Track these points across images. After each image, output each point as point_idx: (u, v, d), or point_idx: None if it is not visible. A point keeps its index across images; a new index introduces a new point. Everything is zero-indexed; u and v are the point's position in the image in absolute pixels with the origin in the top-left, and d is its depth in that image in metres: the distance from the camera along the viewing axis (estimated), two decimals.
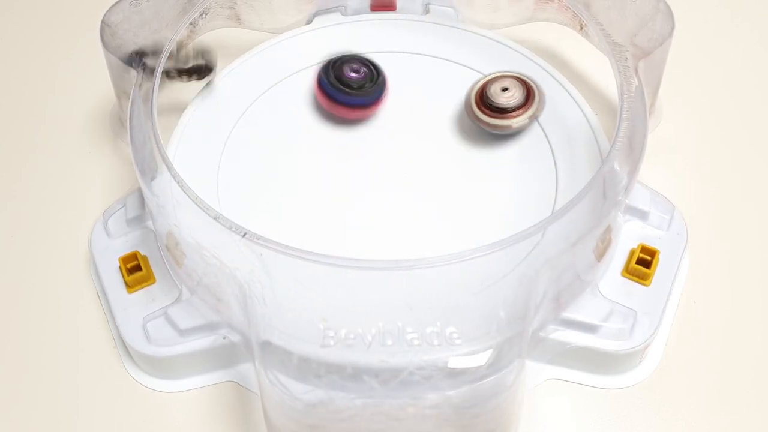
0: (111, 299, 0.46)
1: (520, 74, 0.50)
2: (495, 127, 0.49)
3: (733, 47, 0.59)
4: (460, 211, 0.48)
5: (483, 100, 0.49)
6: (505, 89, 0.49)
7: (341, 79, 0.50)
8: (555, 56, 0.57)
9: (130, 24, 0.49)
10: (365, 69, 0.50)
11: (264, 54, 0.54)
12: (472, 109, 0.49)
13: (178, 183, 0.42)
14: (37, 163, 0.54)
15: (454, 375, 0.39)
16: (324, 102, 0.51)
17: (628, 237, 0.47)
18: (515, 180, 0.49)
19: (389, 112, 0.52)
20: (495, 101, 0.49)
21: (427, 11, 0.56)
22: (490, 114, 0.49)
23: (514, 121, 0.49)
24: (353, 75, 0.50)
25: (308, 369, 0.39)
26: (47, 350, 0.47)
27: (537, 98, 0.49)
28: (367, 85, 0.50)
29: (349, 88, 0.50)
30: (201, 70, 0.51)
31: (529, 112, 0.49)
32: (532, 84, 0.49)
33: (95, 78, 0.57)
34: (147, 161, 0.44)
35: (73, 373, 0.46)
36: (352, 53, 0.51)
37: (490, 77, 0.50)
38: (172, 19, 0.50)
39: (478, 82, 0.50)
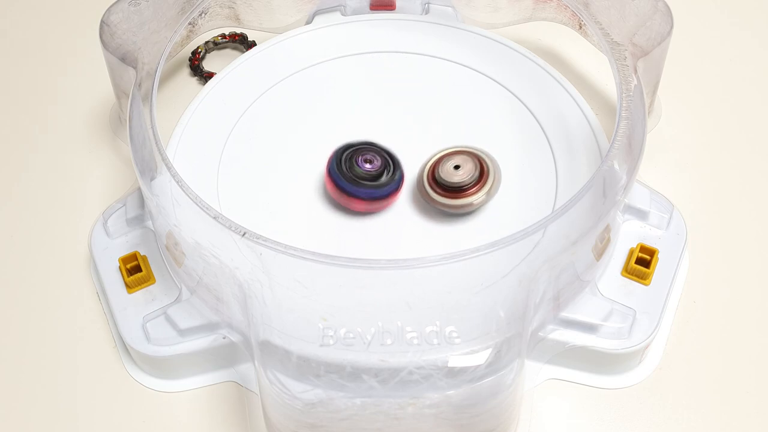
0: (111, 299, 0.46)
1: (471, 148, 0.47)
2: (454, 207, 0.46)
3: (732, 46, 0.59)
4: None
5: (435, 179, 0.46)
6: (457, 167, 0.46)
7: (354, 170, 0.46)
8: (555, 56, 0.57)
9: (130, 24, 0.49)
10: (380, 159, 0.46)
11: (264, 54, 0.54)
12: (426, 191, 0.46)
13: (177, 183, 0.42)
14: (37, 163, 0.54)
15: (454, 374, 0.39)
16: (334, 193, 0.47)
17: (628, 236, 0.47)
18: (515, 179, 0.49)
19: (388, 112, 0.52)
20: (448, 180, 0.45)
21: (426, 11, 0.56)
22: (445, 194, 0.46)
23: (474, 198, 0.46)
24: (367, 166, 0.46)
25: (308, 368, 0.39)
26: (47, 350, 0.47)
27: (492, 172, 0.46)
28: (383, 177, 0.46)
29: (362, 180, 0.46)
30: None
31: (486, 188, 0.46)
32: (484, 157, 0.47)
33: (95, 78, 0.57)
34: (147, 161, 0.44)
35: (73, 373, 0.46)
36: (365, 142, 0.47)
37: (438, 156, 0.47)
38: (171, 19, 0.50)
39: (428, 162, 0.47)
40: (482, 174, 0.46)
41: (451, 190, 0.46)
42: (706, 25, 0.61)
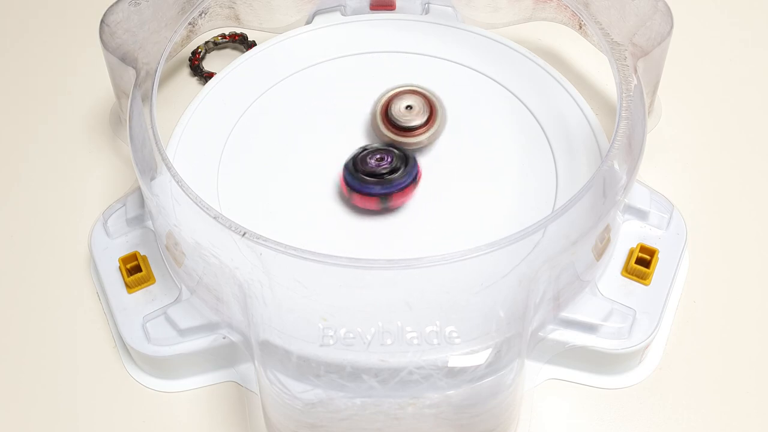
0: (111, 299, 0.46)
1: (420, 88, 0.50)
2: (404, 144, 0.49)
3: (732, 46, 0.59)
4: (460, 210, 0.48)
5: (388, 118, 0.49)
6: (409, 107, 0.49)
7: (366, 170, 0.47)
8: (555, 56, 0.57)
9: (130, 24, 0.49)
10: (390, 157, 0.47)
11: (264, 54, 0.54)
12: (378, 126, 0.49)
13: (178, 183, 0.42)
14: (38, 163, 0.54)
15: (454, 374, 0.39)
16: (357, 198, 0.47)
17: (628, 236, 0.47)
18: (515, 179, 0.49)
19: None
20: (399, 121, 0.48)
21: (426, 11, 0.56)
22: (396, 132, 0.49)
23: (423, 138, 0.49)
24: (378, 163, 0.47)
25: (308, 368, 0.39)
26: (47, 350, 0.47)
27: (439, 114, 0.49)
28: (397, 171, 0.47)
29: (377, 177, 0.47)
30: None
31: (432, 130, 0.49)
32: (434, 99, 0.49)
33: (95, 78, 0.57)
34: (147, 161, 0.44)
35: (73, 373, 0.46)
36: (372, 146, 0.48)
37: (393, 93, 0.50)
38: (171, 19, 0.50)
39: (382, 98, 0.50)
40: (429, 117, 0.49)
41: (399, 128, 0.48)
42: (706, 25, 0.61)
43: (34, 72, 0.59)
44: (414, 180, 0.47)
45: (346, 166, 0.47)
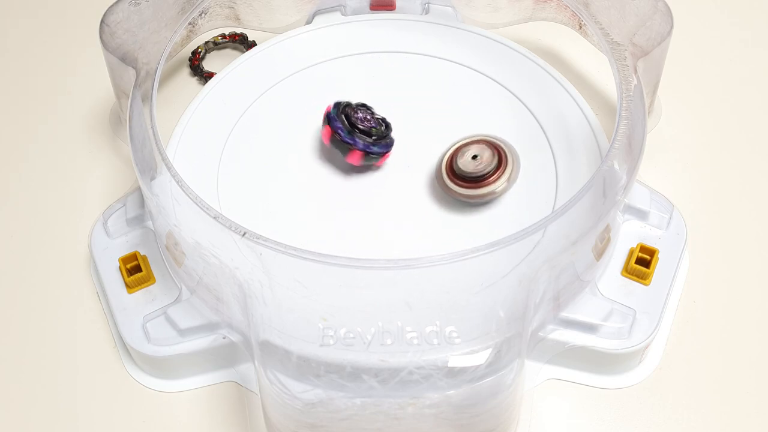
0: (111, 299, 0.46)
1: (486, 137, 0.48)
2: (476, 197, 0.47)
3: (732, 46, 0.59)
4: (460, 210, 0.48)
5: (453, 171, 0.47)
6: (475, 157, 0.47)
7: (357, 126, 0.48)
8: (555, 56, 0.57)
9: (130, 24, 0.49)
10: (375, 122, 0.48)
11: (264, 54, 0.54)
12: (444, 182, 0.47)
13: (178, 183, 0.42)
14: (38, 163, 0.54)
15: (454, 374, 0.39)
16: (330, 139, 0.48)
17: (628, 236, 0.47)
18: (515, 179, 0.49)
19: (388, 112, 0.52)
20: (467, 171, 0.46)
21: (426, 11, 0.56)
22: (465, 185, 0.47)
23: (496, 187, 0.46)
24: (362, 117, 0.48)
25: (308, 368, 0.39)
26: (47, 350, 0.47)
27: (510, 158, 0.47)
28: (380, 133, 0.48)
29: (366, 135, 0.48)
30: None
31: (506, 174, 0.47)
32: (501, 145, 0.47)
33: (95, 78, 0.57)
34: (147, 161, 0.44)
35: (73, 373, 0.46)
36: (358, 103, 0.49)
37: (457, 145, 0.48)
38: (171, 19, 0.50)
39: (445, 153, 0.48)
40: (500, 161, 0.47)
41: (470, 180, 0.47)
42: (706, 25, 0.61)
43: (34, 72, 0.59)
44: (371, 155, 0.48)
45: (338, 103, 0.48)
